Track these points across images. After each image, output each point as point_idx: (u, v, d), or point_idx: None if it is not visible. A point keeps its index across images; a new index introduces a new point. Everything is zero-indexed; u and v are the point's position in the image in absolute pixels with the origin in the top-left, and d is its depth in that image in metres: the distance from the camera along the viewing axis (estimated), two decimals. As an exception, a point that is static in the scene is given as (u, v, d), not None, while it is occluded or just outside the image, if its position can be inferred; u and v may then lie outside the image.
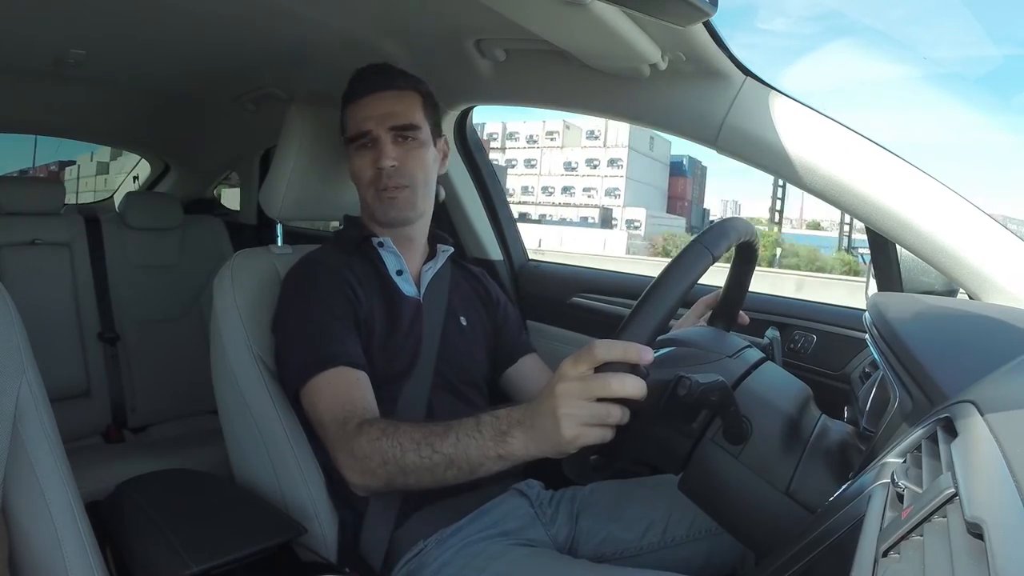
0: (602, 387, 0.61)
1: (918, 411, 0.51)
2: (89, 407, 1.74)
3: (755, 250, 0.80)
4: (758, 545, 0.66)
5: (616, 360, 0.61)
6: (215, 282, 1.02)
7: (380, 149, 0.97)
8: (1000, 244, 0.78)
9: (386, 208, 0.99)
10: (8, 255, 1.68)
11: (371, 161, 0.98)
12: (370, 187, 0.99)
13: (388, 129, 0.97)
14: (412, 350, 0.97)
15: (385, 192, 0.98)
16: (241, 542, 0.80)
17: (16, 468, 0.65)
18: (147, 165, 2.48)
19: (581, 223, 24.92)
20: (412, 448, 0.75)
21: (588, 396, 0.61)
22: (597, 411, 0.62)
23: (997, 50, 47.37)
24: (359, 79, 1.01)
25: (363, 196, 1.02)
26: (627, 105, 1.02)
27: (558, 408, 0.63)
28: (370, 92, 0.99)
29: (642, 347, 0.60)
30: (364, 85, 1.00)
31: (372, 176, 0.98)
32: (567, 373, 0.63)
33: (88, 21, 1.23)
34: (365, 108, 0.99)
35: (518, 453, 0.69)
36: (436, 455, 0.73)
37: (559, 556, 0.88)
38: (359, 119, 0.99)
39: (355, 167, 1.00)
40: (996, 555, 0.28)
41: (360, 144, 0.99)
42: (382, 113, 0.98)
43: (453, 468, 0.73)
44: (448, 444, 0.73)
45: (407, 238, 1.04)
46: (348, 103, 1.01)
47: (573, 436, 0.63)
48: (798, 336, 1.09)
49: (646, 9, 0.71)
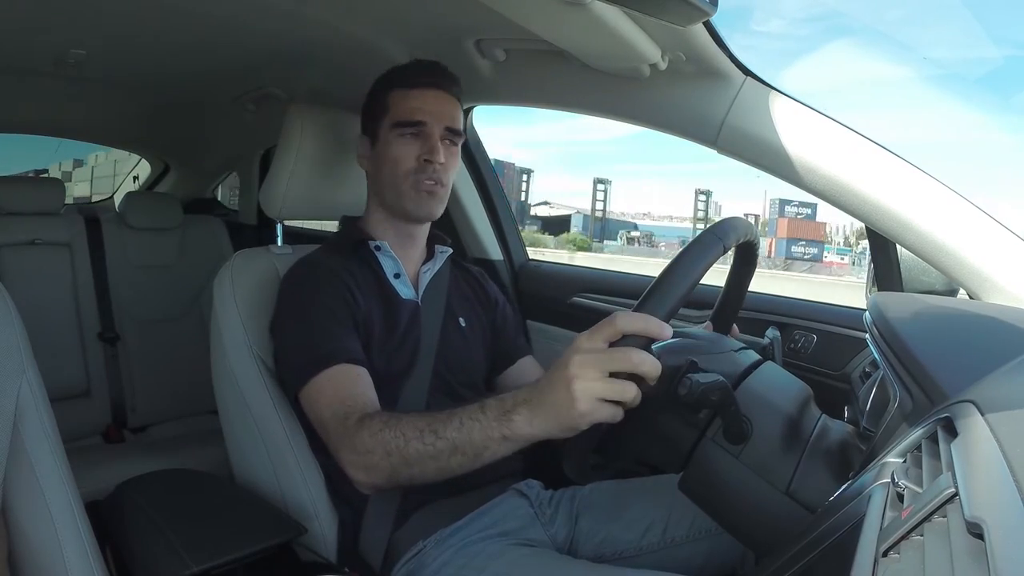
0: (622, 359, 0.59)
1: (918, 411, 0.51)
2: (89, 407, 1.74)
3: (755, 250, 0.80)
4: (758, 545, 0.66)
5: (637, 332, 0.60)
6: (215, 282, 1.02)
7: (431, 145, 0.97)
8: (1000, 244, 0.78)
9: (423, 201, 0.99)
10: (8, 255, 1.68)
11: (416, 151, 0.98)
12: (408, 176, 0.98)
13: (444, 128, 0.99)
14: (410, 352, 0.97)
15: (426, 186, 0.98)
16: (241, 542, 0.80)
17: (16, 468, 0.65)
18: (147, 165, 2.48)
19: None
20: (415, 436, 0.74)
21: (605, 368, 0.60)
22: (613, 386, 0.60)
23: (997, 50, 47.52)
24: (419, 69, 1.01)
25: (394, 184, 0.99)
26: (627, 105, 1.02)
27: (573, 381, 0.61)
28: (429, 86, 0.99)
29: (662, 323, 0.60)
30: (424, 78, 1.00)
31: (414, 166, 0.98)
32: (582, 346, 0.62)
33: (88, 21, 1.23)
34: (420, 99, 0.99)
35: (523, 432, 0.67)
36: (440, 441, 0.72)
37: (558, 556, 0.88)
38: (412, 108, 0.98)
39: (397, 152, 0.98)
40: (996, 555, 0.28)
41: (407, 132, 0.98)
42: (439, 111, 0.99)
43: (457, 454, 0.71)
44: (452, 429, 0.71)
45: (410, 236, 1.04)
46: (398, 87, 1.00)
47: (587, 410, 0.61)
48: (798, 336, 1.09)
49: (646, 9, 0.71)
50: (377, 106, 1.02)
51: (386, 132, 1.00)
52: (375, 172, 1.03)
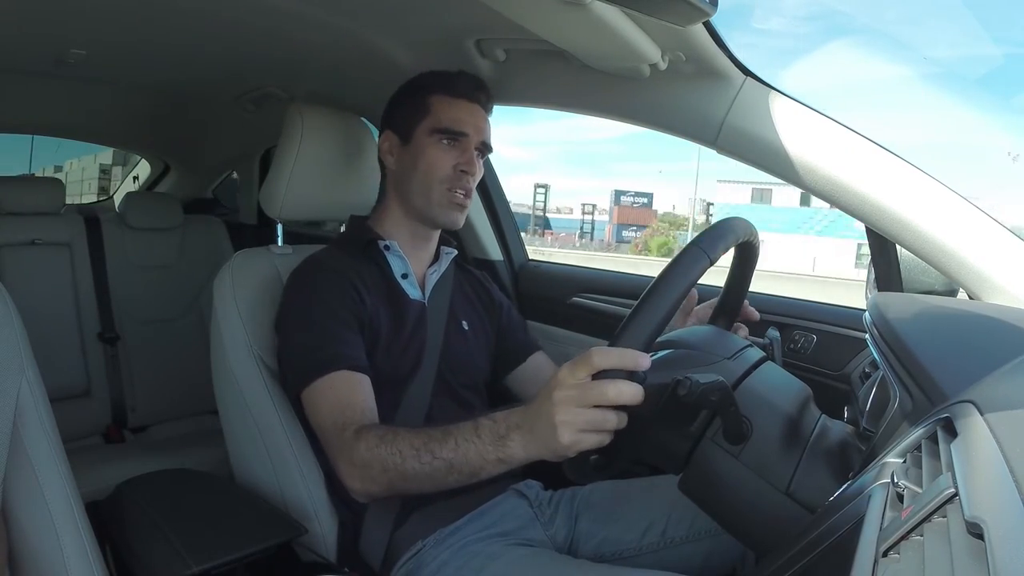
0: (598, 395, 0.61)
1: (918, 411, 0.51)
2: (89, 407, 1.74)
3: (755, 250, 0.80)
4: (758, 545, 0.66)
5: (612, 368, 0.61)
6: (215, 282, 1.02)
7: (469, 157, 1.00)
8: (1000, 244, 0.78)
9: (452, 211, 1.01)
10: (8, 255, 1.68)
11: (453, 160, 0.99)
12: (443, 183, 0.99)
13: (480, 142, 1.01)
14: (416, 354, 0.97)
15: (458, 198, 1.00)
16: (241, 542, 0.80)
17: (16, 468, 0.65)
18: (147, 165, 2.48)
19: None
20: (412, 455, 0.75)
21: (585, 404, 0.62)
22: (594, 417, 0.62)
23: (997, 49, 47.44)
24: (468, 81, 1.03)
25: (425, 188, 1.00)
26: (627, 105, 1.02)
27: (555, 415, 0.63)
28: (473, 100, 1.02)
29: (639, 354, 0.61)
30: (471, 91, 1.02)
31: (450, 174, 0.99)
32: (564, 380, 0.63)
33: (88, 21, 1.23)
34: (465, 111, 1.01)
35: (518, 456, 0.69)
36: (436, 460, 0.73)
37: (558, 556, 0.88)
38: (457, 118, 1.00)
39: (434, 158, 0.99)
40: (996, 555, 0.28)
41: (446, 139, 0.99)
42: (480, 126, 1.01)
43: (454, 473, 0.73)
44: (447, 449, 0.73)
45: (425, 238, 1.05)
46: (442, 94, 1.01)
47: (570, 442, 0.63)
48: (798, 336, 1.09)
49: (646, 9, 0.71)
50: (415, 106, 1.02)
51: (424, 135, 1.00)
52: (402, 171, 1.03)
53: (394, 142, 1.04)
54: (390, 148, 1.04)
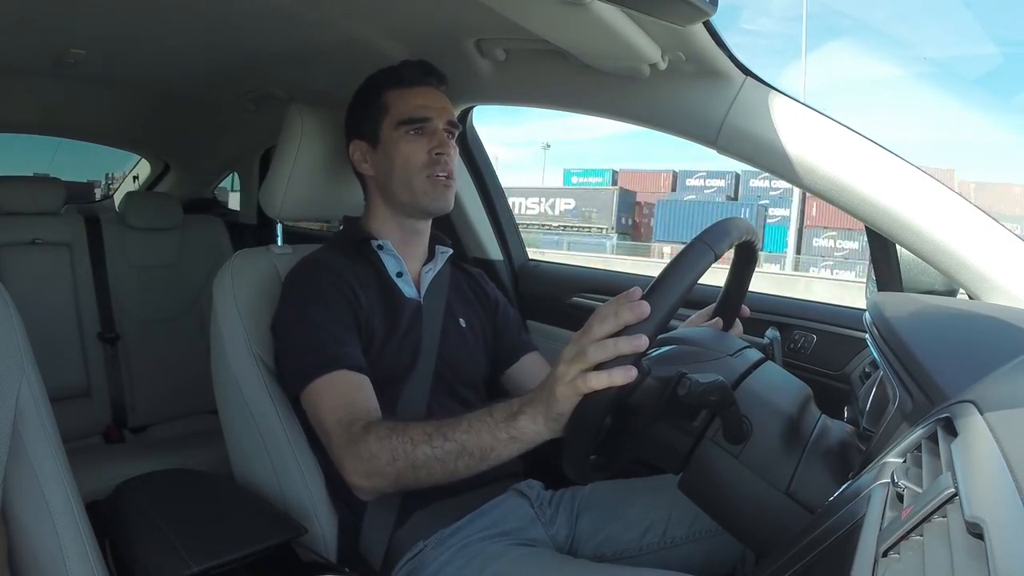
0: (596, 351, 0.64)
1: (918, 411, 0.51)
2: (89, 407, 1.74)
3: (755, 250, 0.80)
4: (758, 545, 0.66)
5: (613, 330, 0.64)
6: (215, 282, 1.02)
7: (439, 139, 0.99)
8: (1000, 244, 0.78)
9: (440, 194, 1.00)
10: (8, 255, 1.68)
11: (425, 146, 0.99)
12: (422, 172, 0.99)
13: (446, 122, 1.01)
14: (412, 352, 0.97)
15: (441, 180, 1.00)
16: (241, 542, 0.80)
17: (16, 468, 0.65)
18: (147, 165, 2.48)
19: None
20: (423, 439, 0.76)
21: (584, 362, 0.64)
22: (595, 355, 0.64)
23: (997, 49, 47.30)
24: (414, 68, 1.03)
25: (406, 181, 1.00)
26: (627, 105, 1.02)
27: (556, 378, 0.67)
28: (426, 84, 1.02)
29: (636, 304, 0.63)
30: (420, 76, 1.02)
31: (426, 161, 0.99)
32: (566, 353, 0.68)
33: (88, 21, 1.23)
34: (421, 97, 1.01)
35: (528, 430, 0.71)
36: (448, 443, 0.75)
37: (559, 556, 0.88)
38: (415, 105, 1.00)
39: (408, 150, 0.99)
40: (996, 555, 0.28)
41: (413, 129, 0.99)
42: (440, 106, 1.01)
43: (465, 456, 0.74)
44: (460, 431, 0.75)
45: (416, 233, 1.05)
46: (394, 88, 1.01)
47: (562, 395, 0.66)
48: (798, 336, 1.09)
49: (646, 9, 0.71)
50: (373, 108, 1.02)
51: (390, 132, 1.00)
52: (380, 174, 1.03)
53: (364, 149, 1.04)
54: (363, 156, 1.04)
